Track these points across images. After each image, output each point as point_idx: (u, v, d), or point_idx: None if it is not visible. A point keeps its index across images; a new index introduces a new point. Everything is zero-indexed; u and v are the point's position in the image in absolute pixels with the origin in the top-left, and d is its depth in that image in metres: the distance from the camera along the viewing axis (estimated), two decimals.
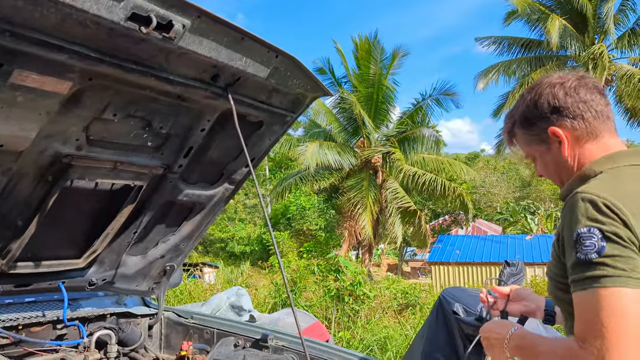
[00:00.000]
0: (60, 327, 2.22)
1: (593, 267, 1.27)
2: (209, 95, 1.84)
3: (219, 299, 5.26)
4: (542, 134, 1.58)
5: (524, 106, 1.61)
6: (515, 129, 1.64)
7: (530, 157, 1.67)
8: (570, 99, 1.54)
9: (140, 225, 2.26)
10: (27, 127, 1.56)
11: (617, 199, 1.29)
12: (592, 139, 1.54)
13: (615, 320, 1.21)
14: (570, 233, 1.33)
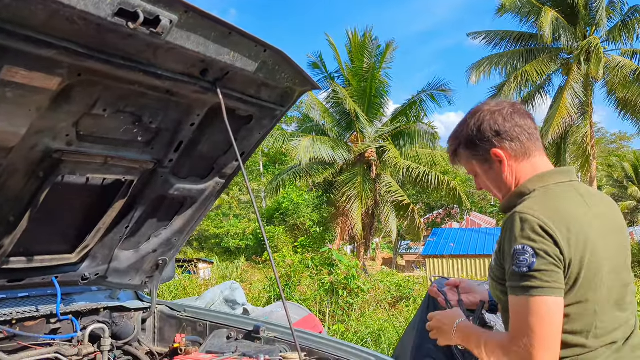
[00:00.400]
0: (54, 322, 2.24)
1: (524, 279, 1.53)
2: (198, 90, 1.86)
3: (213, 293, 5.29)
4: (485, 155, 1.79)
5: (468, 130, 1.81)
6: (460, 149, 1.84)
7: (472, 173, 1.88)
8: (508, 124, 1.77)
9: (132, 219, 2.28)
10: (17, 123, 1.57)
11: (548, 219, 1.54)
12: (527, 158, 1.78)
13: (538, 323, 1.50)
14: (510, 247, 1.57)
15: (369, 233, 20.93)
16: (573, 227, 1.55)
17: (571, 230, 1.54)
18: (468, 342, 1.74)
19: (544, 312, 1.51)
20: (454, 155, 1.89)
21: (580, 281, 1.55)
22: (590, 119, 20.61)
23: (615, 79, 19.35)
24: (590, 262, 1.55)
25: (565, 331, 1.56)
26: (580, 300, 1.57)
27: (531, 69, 19.98)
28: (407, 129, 19.83)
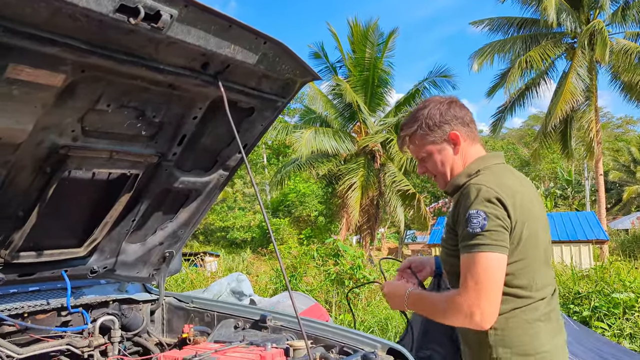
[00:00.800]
0: (65, 314, 2.29)
1: (475, 238, 1.80)
2: (200, 84, 1.88)
3: (220, 285, 5.34)
4: (443, 136, 2.05)
5: (428, 115, 2.05)
6: (418, 132, 2.06)
7: (423, 155, 2.10)
8: (462, 112, 2.08)
9: (138, 213, 2.31)
10: (23, 120, 1.60)
11: (498, 188, 1.82)
12: (472, 143, 2.07)
13: (484, 274, 1.77)
14: (465, 213, 1.84)
15: (374, 223, 20.97)
16: (516, 197, 1.83)
17: (515, 199, 1.83)
18: (418, 305, 2.02)
19: (489, 265, 1.78)
20: (407, 138, 2.11)
21: (523, 241, 1.83)
22: (595, 103, 20.49)
23: (619, 63, 19.20)
24: (529, 226, 1.84)
25: (515, 285, 1.86)
26: (523, 258, 1.85)
27: (535, 54, 19.84)
28: None
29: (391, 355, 2.06)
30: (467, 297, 1.79)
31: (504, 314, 1.86)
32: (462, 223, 1.85)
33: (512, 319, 1.88)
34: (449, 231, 1.96)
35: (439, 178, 2.14)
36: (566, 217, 19.85)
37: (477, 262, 1.80)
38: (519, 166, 45.67)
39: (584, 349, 3.46)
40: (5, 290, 2.18)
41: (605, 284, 7.15)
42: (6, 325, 2.05)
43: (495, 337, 1.89)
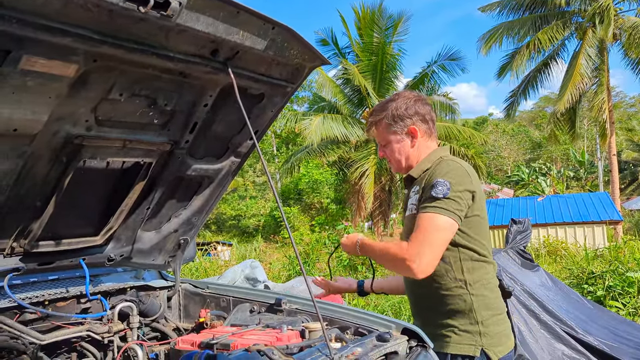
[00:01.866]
0: (84, 302, 2.33)
1: (436, 201, 2.10)
2: (210, 71, 1.89)
3: (234, 272, 5.40)
4: (404, 129, 2.36)
5: (395, 107, 2.35)
6: (384, 120, 2.37)
7: (384, 142, 2.41)
8: (423, 108, 2.37)
9: (152, 201, 2.34)
10: (38, 111, 1.63)
11: (467, 167, 2.22)
12: (428, 139, 2.40)
13: (434, 230, 2.08)
14: (432, 180, 2.16)
15: (386, 209, 20.98)
16: (474, 176, 2.23)
17: (474, 177, 2.21)
18: (368, 251, 2.32)
19: (439, 225, 2.09)
20: (374, 124, 2.42)
21: (477, 202, 2.19)
22: (607, 82, 20.22)
23: (630, 40, 18.91)
24: (481, 197, 2.22)
25: (482, 254, 2.21)
26: (478, 214, 2.20)
27: (544, 35, 19.59)
28: None
29: (405, 335, 2.08)
30: (412, 247, 2.07)
31: (480, 281, 2.20)
32: (427, 189, 2.16)
33: (486, 285, 2.22)
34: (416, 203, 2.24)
35: (393, 163, 2.46)
36: (579, 199, 19.71)
37: (431, 220, 2.09)
38: (530, 148, 45.33)
39: (598, 327, 3.47)
40: (25, 279, 2.23)
41: (620, 263, 7.12)
42: (28, 312, 2.10)
43: (477, 302, 2.18)
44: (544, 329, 3.30)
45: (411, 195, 2.33)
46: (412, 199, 2.30)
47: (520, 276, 3.65)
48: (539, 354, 3.06)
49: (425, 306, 2.31)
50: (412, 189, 2.34)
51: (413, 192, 2.32)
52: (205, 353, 1.70)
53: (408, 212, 2.33)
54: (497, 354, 2.15)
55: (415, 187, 2.31)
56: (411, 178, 2.39)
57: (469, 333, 2.15)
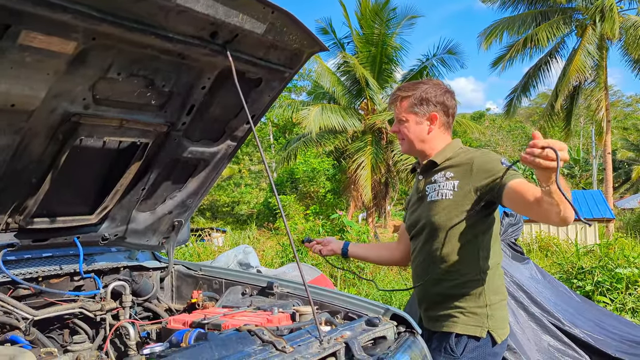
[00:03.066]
0: (78, 279, 2.35)
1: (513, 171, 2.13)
2: (208, 53, 1.90)
3: (227, 257, 5.42)
4: (426, 113, 2.40)
5: (426, 91, 2.39)
6: (411, 98, 2.40)
7: (404, 118, 2.43)
8: (449, 102, 2.43)
9: (147, 182, 2.36)
10: (36, 87, 1.63)
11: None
12: (444, 131, 2.46)
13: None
14: (493, 164, 2.22)
15: (381, 200, 21.02)
16: None
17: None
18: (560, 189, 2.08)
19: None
20: (399, 99, 2.44)
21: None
22: (605, 80, 20.26)
23: (630, 39, 18.93)
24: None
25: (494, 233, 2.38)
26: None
27: (542, 32, 19.58)
28: None
29: (394, 321, 2.12)
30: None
31: (492, 268, 2.32)
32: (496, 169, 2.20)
33: (495, 270, 2.35)
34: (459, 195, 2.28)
35: (406, 142, 2.49)
36: (573, 196, 19.74)
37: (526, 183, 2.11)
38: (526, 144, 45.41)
39: (585, 320, 3.52)
40: (20, 256, 2.24)
41: (609, 259, 7.19)
42: (22, 288, 2.11)
43: (488, 287, 2.29)
44: (531, 320, 3.35)
45: (439, 180, 2.38)
46: (442, 184, 2.36)
47: (510, 268, 3.69)
48: (525, 345, 3.11)
49: (438, 288, 2.34)
50: (438, 174, 2.40)
51: (441, 177, 2.37)
52: (197, 331, 1.73)
53: (437, 196, 2.36)
54: (500, 336, 2.28)
55: (443, 173, 2.37)
56: (432, 164, 2.43)
57: (477, 315, 2.25)
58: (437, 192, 2.37)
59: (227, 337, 1.59)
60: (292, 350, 1.61)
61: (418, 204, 2.51)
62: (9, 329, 1.94)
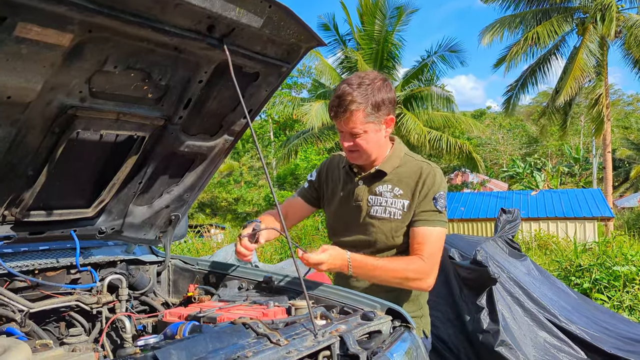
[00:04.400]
0: (74, 272, 2.35)
1: (440, 216, 2.25)
2: (205, 47, 1.90)
3: (225, 252, 5.44)
4: (382, 118, 2.23)
5: (375, 94, 2.18)
6: (364, 107, 2.17)
7: (361, 131, 2.21)
8: (393, 93, 2.27)
9: (144, 176, 2.36)
10: (32, 79, 1.64)
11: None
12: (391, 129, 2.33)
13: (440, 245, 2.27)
14: (433, 191, 2.24)
15: None
16: None
17: None
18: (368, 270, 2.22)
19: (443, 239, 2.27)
20: (349, 112, 2.19)
21: None
22: (606, 79, 20.24)
23: (631, 38, 18.90)
24: None
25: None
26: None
27: (543, 30, 19.55)
28: (419, 92, 19.61)
29: (390, 315, 2.12)
30: (429, 265, 2.20)
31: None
32: (428, 201, 2.24)
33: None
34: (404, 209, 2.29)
35: (362, 155, 2.30)
36: (572, 194, 19.83)
37: (441, 235, 2.24)
38: (526, 143, 45.41)
39: (581, 317, 3.53)
40: (16, 249, 2.25)
41: (607, 257, 7.21)
42: (18, 280, 2.12)
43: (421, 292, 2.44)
44: (527, 316, 3.36)
45: (385, 195, 2.31)
46: (390, 201, 2.30)
47: (507, 264, 3.69)
48: (521, 340, 3.12)
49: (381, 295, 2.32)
50: (384, 186, 2.31)
51: (389, 193, 2.30)
52: (191, 324, 1.74)
53: (384, 214, 2.32)
54: (429, 332, 2.49)
55: (391, 187, 2.30)
56: (380, 174, 2.33)
57: (415, 317, 2.34)
58: (385, 209, 2.30)
59: (222, 330, 1.60)
60: (286, 343, 1.61)
61: (352, 212, 2.42)
62: (5, 321, 1.95)
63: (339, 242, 2.50)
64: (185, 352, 1.40)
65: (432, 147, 19.10)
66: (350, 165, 2.46)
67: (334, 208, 2.53)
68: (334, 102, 2.25)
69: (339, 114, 2.22)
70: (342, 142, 2.30)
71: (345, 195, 2.47)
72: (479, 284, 3.26)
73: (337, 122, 2.26)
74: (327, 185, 2.61)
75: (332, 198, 2.56)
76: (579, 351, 3.24)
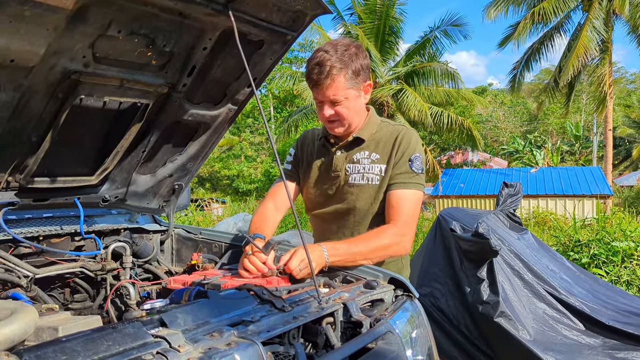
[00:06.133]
0: (78, 240, 2.36)
1: (417, 178, 2.23)
2: (210, 13, 1.87)
3: (227, 224, 5.46)
4: (360, 85, 2.21)
5: (357, 61, 2.16)
6: (346, 72, 2.14)
7: (342, 97, 2.19)
8: (368, 60, 2.23)
9: (148, 144, 2.35)
10: (35, 42, 1.62)
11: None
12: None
13: (416, 207, 2.24)
14: (408, 154, 2.21)
15: None
16: None
17: None
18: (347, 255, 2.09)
19: (419, 201, 2.22)
20: (332, 77, 2.14)
21: None
22: (610, 57, 20.07)
23: (638, 15, 18.68)
24: None
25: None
26: None
27: (548, 5, 19.30)
28: (422, 68, 19.44)
29: (392, 285, 2.14)
30: (404, 227, 2.17)
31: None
32: (403, 163, 2.21)
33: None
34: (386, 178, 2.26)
35: (343, 123, 2.27)
36: (572, 172, 19.86)
37: (415, 197, 2.21)
38: (527, 120, 45.26)
39: (580, 289, 3.56)
40: (20, 215, 2.25)
41: (606, 233, 7.25)
42: (23, 246, 2.13)
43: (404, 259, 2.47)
44: (527, 288, 3.39)
45: (363, 162, 2.28)
46: (368, 167, 2.26)
47: (507, 237, 3.71)
48: (520, 312, 3.15)
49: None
50: (361, 153, 2.29)
51: (366, 159, 2.27)
52: (197, 289, 1.75)
53: (362, 180, 2.29)
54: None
55: (368, 153, 2.27)
56: (358, 141, 2.31)
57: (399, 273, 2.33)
58: (362, 175, 2.28)
59: (227, 295, 1.61)
60: (290, 309, 1.63)
61: (331, 182, 2.39)
62: (10, 286, 1.96)
63: (319, 214, 2.49)
64: (192, 316, 1.41)
65: (433, 123, 19.01)
66: (327, 136, 2.44)
67: (312, 181, 2.49)
68: (313, 69, 2.19)
69: (320, 80, 2.17)
70: (321, 112, 2.26)
71: (323, 168, 2.44)
72: (479, 256, 3.27)
73: (318, 90, 2.21)
74: (303, 161, 2.59)
75: (309, 172, 2.53)
76: (577, 323, 3.28)
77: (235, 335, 1.36)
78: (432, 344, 2.15)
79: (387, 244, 2.17)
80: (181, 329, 1.30)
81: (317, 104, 2.29)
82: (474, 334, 3.37)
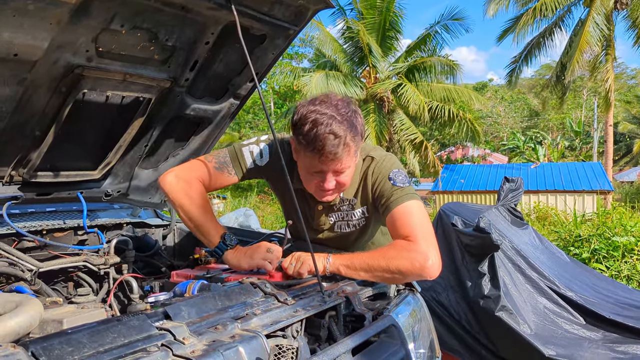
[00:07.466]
0: (81, 234, 2.37)
1: (407, 190, 1.95)
2: (212, 7, 1.87)
3: (228, 219, 5.47)
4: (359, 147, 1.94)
5: (359, 119, 1.88)
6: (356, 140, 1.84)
7: (345, 168, 1.88)
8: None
9: (150, 139, 2.36)
10: (39, 37, 1.62)
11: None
12: None
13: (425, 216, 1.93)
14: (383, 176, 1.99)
15: None
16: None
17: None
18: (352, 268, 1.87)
19: (422, 209, 1.93)
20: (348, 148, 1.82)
21: None
22: (613, 52, 20.02)
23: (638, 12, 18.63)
24: None
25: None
26: None
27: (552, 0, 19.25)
28: (422, 63, 19.40)
29: None
30: (421, 244, 1.80)
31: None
32: (384, 186, 1.97)
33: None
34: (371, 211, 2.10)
35: (340, 191, 2.03)
36: (572, 167, 19.85)
37: (417, 206, 1.92)
38: (528, 116, 45.20)
39: (581, 284, 3.57)
40: (24, 209, 2.26)
41: (607, 228, 7.25)
42: (26, 240, 2.14)
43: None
44: (528, 283, 3.40)
45: (344, 210, 2.13)
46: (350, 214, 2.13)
47: (508, 232, 3.72)
48: (521, 307, 3.16)
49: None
50: (344, 204, 2.12)
51: (347, 208, 2.11)
52: (200, 282, 1.76)
53: (349, 228, 2.17)
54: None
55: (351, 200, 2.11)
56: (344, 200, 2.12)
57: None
58: (347, 223, 2.17)
59: (230, 289, 1.62)
60: (293, 302, 1.64)
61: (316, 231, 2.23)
62: (15, 280, 1.97)
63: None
64: (195, 309, 1.41)
65: (434, 117, 18.96)
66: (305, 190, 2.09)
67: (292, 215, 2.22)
68: (327, 139, 1.77)
69: (338, 153, 1.80)
70: (319, 183, 1.93)
71: (304, 215, 2.17)
72: (481, 251, 3.28)
73: (328, 162, 1.83)
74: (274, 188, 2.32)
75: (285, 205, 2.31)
76: (577, 317, 3.29)
77: (239, 328, 1.37)
78: (434, 337, 2.16)
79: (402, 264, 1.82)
80: (185, 322, 1.31)
81: (311, 174, 1.93)
82: (475, 328, 3.38)
